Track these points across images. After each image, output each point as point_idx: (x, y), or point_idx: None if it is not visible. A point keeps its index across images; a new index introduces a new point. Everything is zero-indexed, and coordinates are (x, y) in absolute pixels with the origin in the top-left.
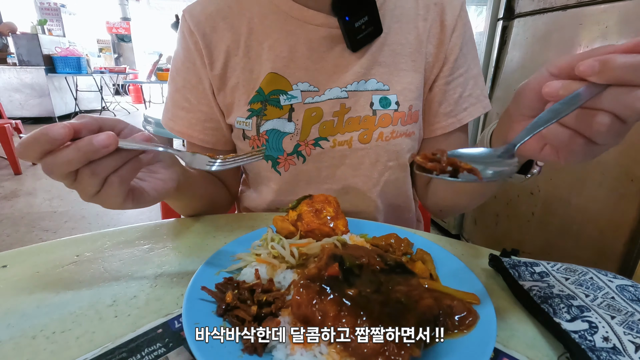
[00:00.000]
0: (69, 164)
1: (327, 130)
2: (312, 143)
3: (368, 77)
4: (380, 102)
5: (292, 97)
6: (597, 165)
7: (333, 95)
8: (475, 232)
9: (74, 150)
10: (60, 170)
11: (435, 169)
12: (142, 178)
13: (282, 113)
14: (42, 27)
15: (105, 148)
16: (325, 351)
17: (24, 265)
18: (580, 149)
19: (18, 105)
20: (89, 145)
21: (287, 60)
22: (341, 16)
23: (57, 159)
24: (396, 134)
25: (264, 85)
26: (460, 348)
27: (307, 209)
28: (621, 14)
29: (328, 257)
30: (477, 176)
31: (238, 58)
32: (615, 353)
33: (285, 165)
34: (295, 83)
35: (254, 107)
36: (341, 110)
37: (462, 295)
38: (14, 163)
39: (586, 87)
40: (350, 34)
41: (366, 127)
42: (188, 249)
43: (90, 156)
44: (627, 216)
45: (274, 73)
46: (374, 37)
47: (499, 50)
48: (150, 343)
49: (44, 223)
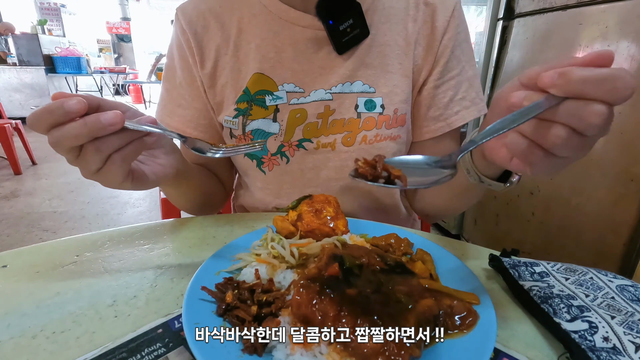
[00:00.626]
0: (76, 139)
1: (311, 131)
2: (296, 144)
3: (354, 79)
4: (365, 104)
5: (278, 98)
6: (597, 165)
7: (318, 97)
8: (475, 232)
9: (82, 126)
10: (66, 144)
11: (367, 174)
12: (143, 161)
13: (268, 113)
14: (42, 27)
15: (112, 126)
16: (325, 351)
17: (24, 265)
18: (540, 160)
19: (18, 105)
20: (96, 122)
21: (274, 61)
22: (325, 20)
23: (65, 132)
24: (380, 137)
25: (250, 85)
26: (460, 348)
27: (307, 209)
28: (621, 14)
29: (328, 257)
30: (403, 183)
31: (227, 57)
32: (615, 353)
33: (270, 165)
34: (281, 84)
35: (240, 106)
36: (325, 112)
37: (462, 295)
38: (14, 163)
39: (545, 99)
40: (335, 36)
41: (350, 129)
42: (188, 249)
43: (97, 133)
44: (627, 216)
45: (259, 73)
46: (360, 39)
47: (499, 50)
48: (150, 343)
49: (44, 223)
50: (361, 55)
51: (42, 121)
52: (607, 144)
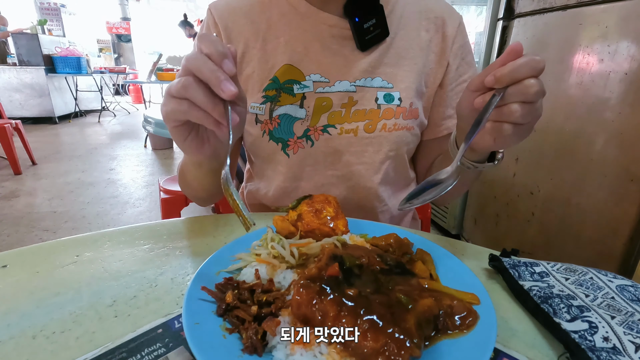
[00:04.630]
0: None
1: (335, 119)
2: (321, 129)
3: (374, 75)
4: (385, 97)
5: (305, 87)
6: (597, 165)
7: (342, 88)
8: (475, 232)
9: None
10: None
11: None
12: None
13: (295, 100)
14: (42, 27)
15: (224, 93)
16: (325, 351)
17: (24, 265)
18: (513, 132)
19: (18, 105)
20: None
21: (302, 55)
22: (352, 17)
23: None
24: (398, 126)
25: (279, 75)
26: (460, 348)
27: (307, 209)
28: (621, 14)
29: (328, 257)
30: None
31: (255, 50)
32: (615, 353)
33: (295, 148)
34: (309, 74)
35: (268, 93)
36: (349, 102)
37: (462, 295)
38: (14, 163)
39: (496, 92)
40: (360, 34)
41: (371, 118)
42: (188, 249)
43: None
44: (627, 216)
45: (289, 65)
46: (381, 38)
47: (499, 50)
48: (150, 343)
49: (44, 223)
50: (381, 54)
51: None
52: (607, 144)
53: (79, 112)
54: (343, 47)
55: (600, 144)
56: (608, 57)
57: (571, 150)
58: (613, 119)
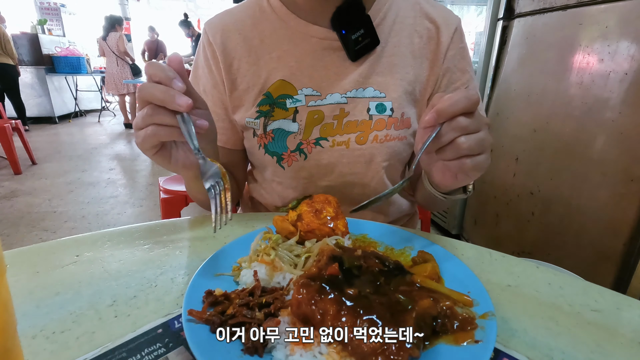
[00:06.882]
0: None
1: (327, 131)
2: (313, 142)
3: (366, 85)
4: (377, 107)
5: (297, 101)
6: (597, 165)
7: (334, 100)
8: (475, 232)
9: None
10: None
11: None
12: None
13: (288, 114)
14: (42, 26)
15: (181, 107)
16: (325, 351)
17: (24, 265)
18: (471, 164)
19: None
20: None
21: (294, 69)
22: (338, 30)
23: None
24: (390, 137)
25: (272, 90)
26: (460, 348)
27: (307, 209)
28: (621, 14)
29: (328, 257)
30: None
31: (248, 65)
32: None
33: (289, 161)
34: (301, 88)
35: (262, 108)
36: (340, 114)
37: (461, 296)
38: (14, 163)
39: (434, 129)
40: (349, 45)
41: (362, 129)
42: (188, 249)
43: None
44: (627, 216)
45: (282, 80)
46: (372, 48)
47: (499, 50)
48: (150, 343)
49: (44, 223)
50: (372, 63)
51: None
52: (607, 144)
53: (79, 112)
54: (334, 59)
55: (600, 144)
56: (608, 57)
57: (571, 150)
58: (613, 119)
